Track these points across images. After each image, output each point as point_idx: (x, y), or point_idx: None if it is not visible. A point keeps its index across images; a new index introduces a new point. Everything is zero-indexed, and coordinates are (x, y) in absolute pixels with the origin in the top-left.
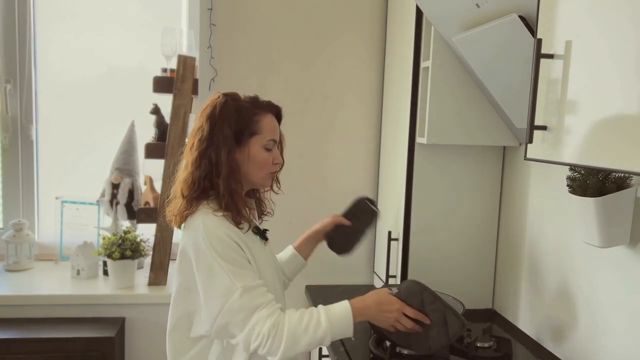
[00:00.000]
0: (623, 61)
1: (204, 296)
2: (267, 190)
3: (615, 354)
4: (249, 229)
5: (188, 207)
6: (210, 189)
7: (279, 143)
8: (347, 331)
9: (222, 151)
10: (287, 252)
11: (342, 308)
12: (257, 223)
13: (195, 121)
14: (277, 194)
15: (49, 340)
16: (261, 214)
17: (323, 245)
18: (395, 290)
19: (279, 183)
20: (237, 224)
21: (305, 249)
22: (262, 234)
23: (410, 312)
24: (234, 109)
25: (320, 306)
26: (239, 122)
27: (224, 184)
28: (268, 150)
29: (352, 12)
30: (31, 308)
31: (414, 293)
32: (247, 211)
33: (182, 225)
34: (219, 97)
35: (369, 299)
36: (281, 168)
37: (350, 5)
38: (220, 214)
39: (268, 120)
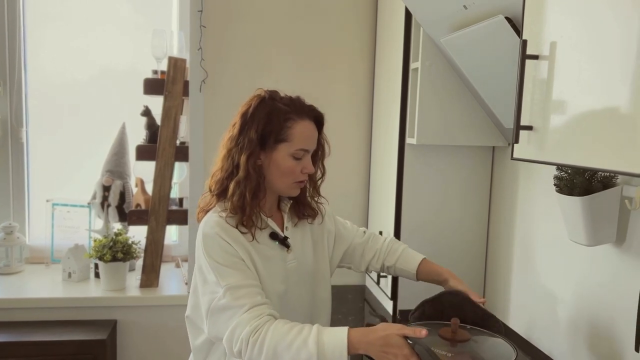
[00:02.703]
0: (607, 62)
1: (201, 293)
2: (311, 197)
3: (606, 351)
4: (253, 237)
5: (210, 203)
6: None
7: (319, 151)
8: None
9: (244, 154)
10: (414, 259)
11: (338, 336)
12: (277, 229)
13: (235, 115)
14: (320, 203)
15: (40, 344)
16: (301, 217)
17: None
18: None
19: (318, 193)
20: (241, 226)
21: (425, 276)
22: (282, 240)
23: None
24: (266, 111)
25: (317, 326)
26: (268, 126)
27: (233, 187)
28: (297, 159)
29: (342, 14)
30: (22, 311)
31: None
32: (259, 218)
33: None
34: (258, 94)
35: (373, 335)
36: (323, 177)
37: (340, 6)
38: (224, 214)
39: (302, 127)
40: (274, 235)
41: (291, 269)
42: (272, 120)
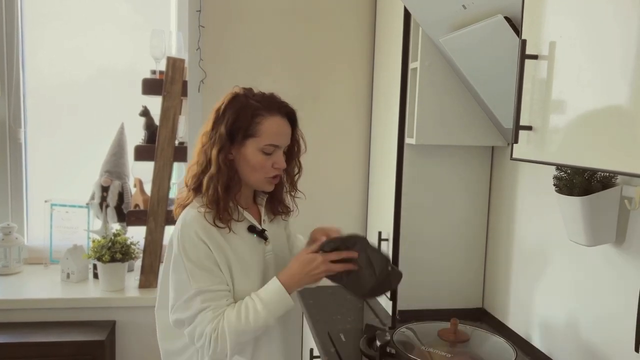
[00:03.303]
0: (606, 61)
1: (171, 286)
2: (287, 192)
3: (605, 351)
4: (229, 229)
5: (187, 198)
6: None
7: (295, 147)
8: (287, 305)
9: (214, 149)
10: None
11: (274, 287)
12: (255, 222)
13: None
14: (296, 197)
15: (38, 345)
16: (276, 213)
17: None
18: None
19: (296, 187)
20: (218, 221)
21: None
22: (260, 233)
23: (334, 256)
24: (237, 107)
25: (253, 294)
26: (237, 121)
27: (207, 182)
28: (266, 154)
29: (341, 14)
30: (20, 312)
31: (331, 242)
32: (236, 211)
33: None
34: (233, 91)
35: (293, 267)
36: (299, 173)
37: (339, 6)
38: (203, 209)
39: (272, 122)
40: (251, 228)
41: (269, 261)
42: (241, 115)
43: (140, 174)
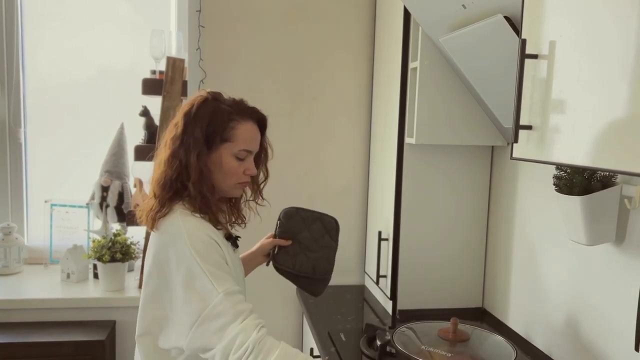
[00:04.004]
0: (606, 60)
1: (182, 301)
2: (249, 200)
3: (605, 351)
4: (224, 233)
5: (160, 208)
6: (183, 190)
7: (262, 154)
8: None
9: (192, 154)
10: None
11: None
12: (230, 230)
13: (174, 117)
14: (260, 205)
15: (38, 345)
16: (233, 222)
17: None
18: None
19: (261, 195)
20: (215, 226)
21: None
22: (233, 240)
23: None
24: (210, 111)
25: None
26: (212, 125)
27: (194, 188)
28: (240, 159)
29: (341, 14)
30: (21, 312)
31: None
32: (225, 216)
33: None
34: (201, 95)
35: None
36: (266, 180)
37: (339, 6)
38: (198, 215)
39: (245, 128)
40: (227, 235)
41: (242, 270)
42: (216, 119)
43: (140, 174)
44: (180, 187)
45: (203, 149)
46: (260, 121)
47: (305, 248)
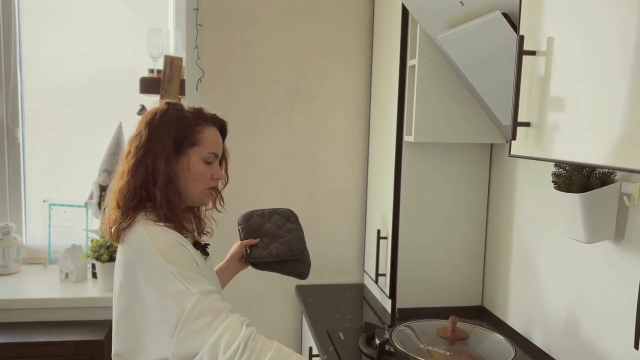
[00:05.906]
0: (605, 57)
1: (158, 310)
2: (210, 209)
3: (604, 349)
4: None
5: (124, 218)
6: (147, 200)
7: (223, 159)
8: None
9: (160, 159)
10: None
11: None
12: (198, 238)
13: (135, 128)
14: (220, 212)
15: (37, 344)
16: (200, 232)
17: (310, 245)
18: None
19: (223, 200)
20: (181, 234)
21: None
22: (203, 248)
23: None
24: (175, 118)
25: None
26: (179, 130)
27: (160, 194)
28: (208, 163)
29: (339, 11)
30: (19, 312)
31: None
32: (191, 224)
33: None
34: (161, 105)
35: None
36: (225, 185)
37: (337, 4)
38: (161, 224)
39: (210, 132)
40: (196, 244)
41: (214, 277)
42: (182, 125)
43: None
44: (144, 196)
45: (171, 154)
46: (222, 126)
47: (274, 237)
